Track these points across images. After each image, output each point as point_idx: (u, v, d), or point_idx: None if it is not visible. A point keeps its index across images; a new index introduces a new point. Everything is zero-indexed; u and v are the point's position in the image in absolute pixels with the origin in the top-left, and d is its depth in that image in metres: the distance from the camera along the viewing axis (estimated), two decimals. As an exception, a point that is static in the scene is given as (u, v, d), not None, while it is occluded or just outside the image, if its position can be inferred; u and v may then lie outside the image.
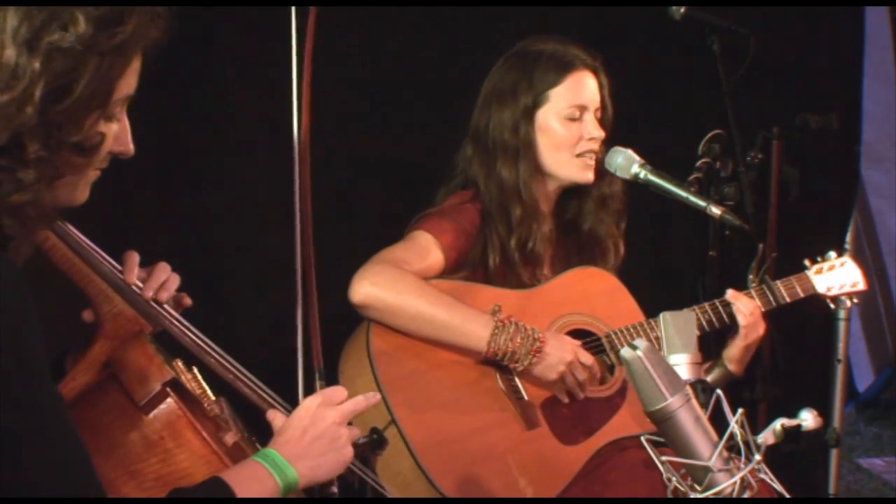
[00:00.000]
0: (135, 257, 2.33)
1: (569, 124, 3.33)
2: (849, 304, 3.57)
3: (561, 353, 3.19)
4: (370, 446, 2.81)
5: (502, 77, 3.38)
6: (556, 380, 3.21)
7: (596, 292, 3.41)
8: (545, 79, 3.33)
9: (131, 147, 1.93)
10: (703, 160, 3.64)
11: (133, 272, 2.30)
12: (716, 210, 3.35)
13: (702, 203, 3.36)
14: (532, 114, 3.33)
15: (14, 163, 1.75)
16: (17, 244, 1.82)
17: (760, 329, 3.37)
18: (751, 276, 3.46)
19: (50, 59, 1.74)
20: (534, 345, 3.17)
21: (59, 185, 1.84)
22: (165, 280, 2.32)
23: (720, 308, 3.36)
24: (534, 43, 3.40)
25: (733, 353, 3.37)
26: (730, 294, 3.36)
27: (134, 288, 2.29)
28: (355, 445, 2.42)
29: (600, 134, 3.36)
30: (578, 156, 3.34)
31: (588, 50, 3.39)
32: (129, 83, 1.87)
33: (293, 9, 2.41)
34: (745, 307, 3.34)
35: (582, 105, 3.34)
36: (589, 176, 3.36)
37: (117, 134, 1.90)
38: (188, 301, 2.39)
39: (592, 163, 3.36)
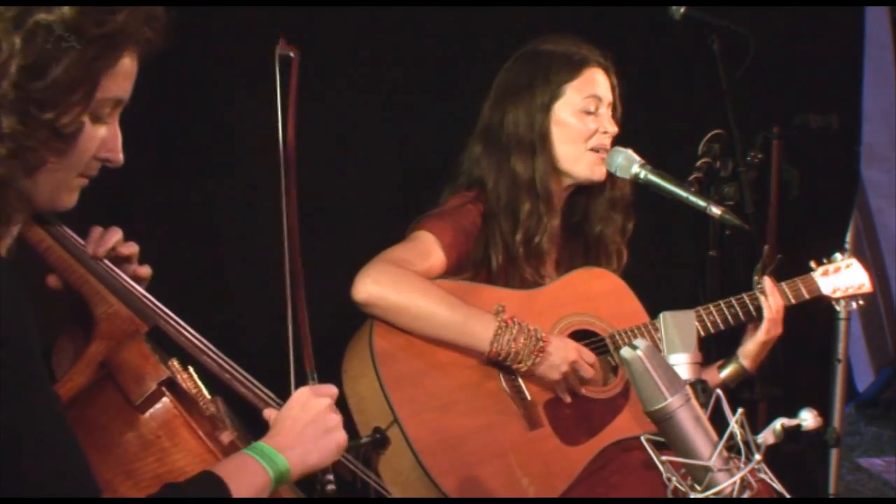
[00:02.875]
0: (96, 231, 2.32)
1: (584, 117, 3.34)
2: (854, 306, 3.56)
3: (564, 353, 3.20)
4: (372, 445, 2.81)
5: (517, 74, 3.39)
6: (559, 379, 3.21)
7: (600, 293, 3.41)
8: (561, 74, 3.34)
9: (120, 156, 1.92)
10: (703, 160, 3.64)
11: (94, 241, 2.29)
12: (716, 210, 3.35)
13: (702, 203, 3.36)
14: (549, 108, 3.34)
15: None
16: None
17: (779, 328, 3.38)
18: (756, 278, 3.46)
19: (32, 36, 1.75)
20: (537, 344, 3.17)
21: (39, 179, 1.83)
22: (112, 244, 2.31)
23: (747, 301, 3.36)
24: (546, 41, 3.41)
25: (750, 348, 3.39)
26: (768, 285, 3.36)
27: (102, 263, 2.28)
28: (358, 445, 2.42)
29: (614, 129, 3.37)
30: (592, 149, 3.34)
31: (601, 49, 3.40)
32: (119, 84, 1.86)
33: (277, 52, 2.40)
34: (774, 303, 3.35)
35: (597, 96, 3.35)
36: (602, 172, 3.37)
37: (105, 139, 1.89)
38: (146, 271, 2.36)
39: (601, 161, 3.36)
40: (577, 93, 3.35)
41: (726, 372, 3.42)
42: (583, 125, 3.34)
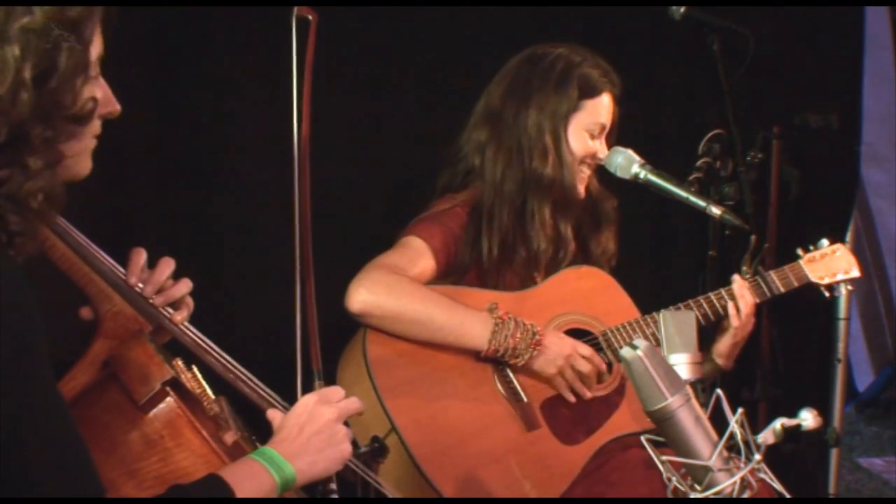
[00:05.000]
0: (141, 256, 2.32)
1: (588, 139, 3.35)
2: (844, 291, 3.54)
3: (559, 347, 3.21)
4: (371, 455, 2.80)
5: (543, 75, 3.35)
6: (556, 374, 3.22)
7: (590, 290, 3.41)
8: (584, 90, 3.33)
9: (117, 105, 1.95)
10: (703, 160, 3.64)
11: (135, 273, 2.29)
12: (716, 210, 3.35)
13: (702, 203, 3.37)
14: (568, 118, 3.33)
15: (20, 153, 1.77)
16: (23, 240, 1.83)
17: (749, 326, 3.38)
18: (744, 268, 3.47)
19: (27, 41, 1.76)
20: (533, 338, 3.18)
21: (66, 164, 1.85)
22: (165, 279, 2.31)
23: (715, 302, 3.36)
24: (572, 50, 3.38)
25: (722, 349, 3.39)
26: (736, 285, 3.35)
27: (136, 289, 2.29)
28: (357, 455, 2.41)
29: (604, 157, 3.38)
30: (580, 167, 3.35)
31: (617, 74, 3.39)
32: (98, 46, 1.88)
33: (294, 13, 2.41)
34: (743, 306, 3.33)
35: (603, 125, 3.36)
36: (581, 191, 3.37)
37: (101, 96, 1.91)
38: (190, 305, 2.38)
39: (586, 179, 3.38)
40: (589, 114, 3.34)
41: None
42: (584, 146, 3.35)
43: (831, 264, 3.50)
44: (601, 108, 3.36)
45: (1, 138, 1.75)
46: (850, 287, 3.54)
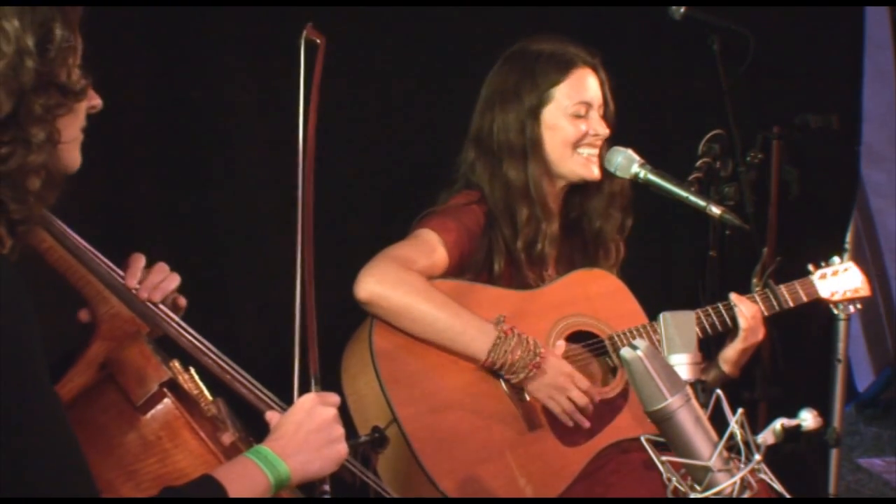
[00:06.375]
0: (140, 261, 2.32)
1: (576, 121, 3.34)
2: (852, 309, 3.57)
3: (555, 376, 3.19)
4: (371, 445, 2.80)
5: (503, 79, 3.38)
6: (546, 399, 3.20)
7: (599, 294, 3.41)
8: (548, 77, 3.33)
9: (99, 99, 1.98)
10: (703, 160, 3.64)
11: (135, 276, 2.30)
12: (716, 210, 3.35)
13: (702, 203, 3.36)
14: (538, 113, 3.33)
15: (23, 125, 1.80)
16: (24, 229, 1.84)
17: (760, 334, 3.38)
18: (754, 280, 3.47)
19: (22, 14, 1.80)
20: (533, 359, 3.16)
21: (60, 147, 1.87)
22: (161, 280, 2.32)
23: (723, 311, 3.36)
24: (532, 43, 3.40)
25: (730, 354, 3.38)
26: (733, 297, 3.36)
27: (133, 290, 2.29)
28: (357, 444, 2.41)
29: (605, 131, 3.37)
30: (577, 151, 3.34)
31: (586, 48, 3.39)
32: (77, 31, 1.91)
33: (303, 37, 2.41)
34: (748, 310, 3.34)
35: (587, 102, 3.34)
36: (595, 171, 3.37)
37: None
38: (183, 302, 2.39)
39: (596, 158, 3.36)
40: (565, 97, 3.34)
41: (705, 376, 3.41)
42: (573, 129, 3.34)
43: (842, 282, 3.53)
44: (577, 86, 3.35)
45: (5, 110, 1.77)
46: (858, 306, 3.56)
